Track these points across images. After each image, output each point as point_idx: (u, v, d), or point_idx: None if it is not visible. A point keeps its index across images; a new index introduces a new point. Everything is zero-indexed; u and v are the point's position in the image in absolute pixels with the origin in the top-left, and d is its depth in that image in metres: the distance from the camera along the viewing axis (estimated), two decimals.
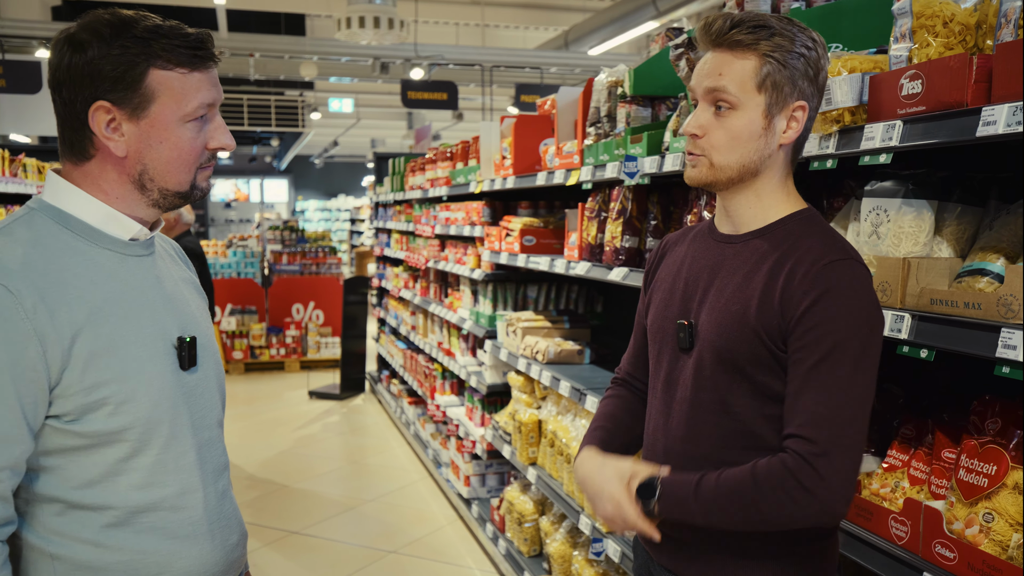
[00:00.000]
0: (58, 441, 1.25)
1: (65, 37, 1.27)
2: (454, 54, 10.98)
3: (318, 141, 22.76)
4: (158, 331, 1.33)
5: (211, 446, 1.42)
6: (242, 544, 1.48)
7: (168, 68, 1.28)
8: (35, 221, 1.29)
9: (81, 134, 1.30)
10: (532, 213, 4.29)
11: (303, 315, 9.50)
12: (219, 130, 1.37)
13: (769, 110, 1.48)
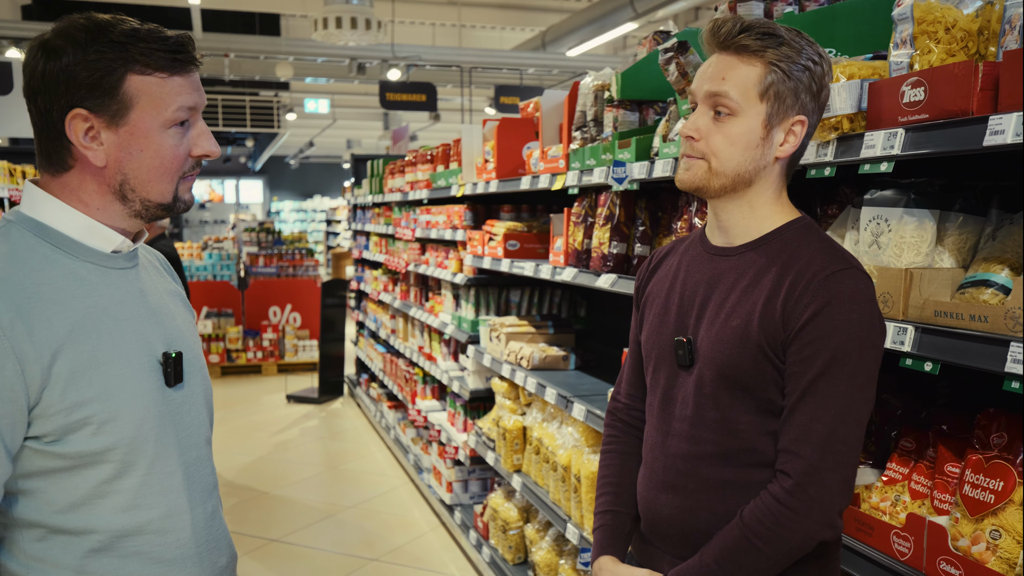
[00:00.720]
0: (38, 463, 1.19)
1: (39, 43, 1.21)
2: (431, 55, 10.92)
3: (293, 142, 22.58)
4: (142, 346, 1.28)
5: (199, 465, 1.36)
6: (231, 567, 1.43)
7: (147, 73, 1.23)
8: (12, 234, 1.23)
9: (58, 144, 1.24)
10: (515, 217, 4.25)
11: (280, 318, 9.40)
12: (202, 136, 1.31)
13: (769, 120, 1.45)
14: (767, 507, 1.42)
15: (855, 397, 1.39)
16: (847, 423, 1.38)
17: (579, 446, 3.01)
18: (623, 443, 1.79)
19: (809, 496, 1.38)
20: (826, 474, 1.38)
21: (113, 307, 1.26)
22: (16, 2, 11.45)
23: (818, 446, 1.39)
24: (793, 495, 1.39)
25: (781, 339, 1.43)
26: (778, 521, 1.40)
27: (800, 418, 1.41)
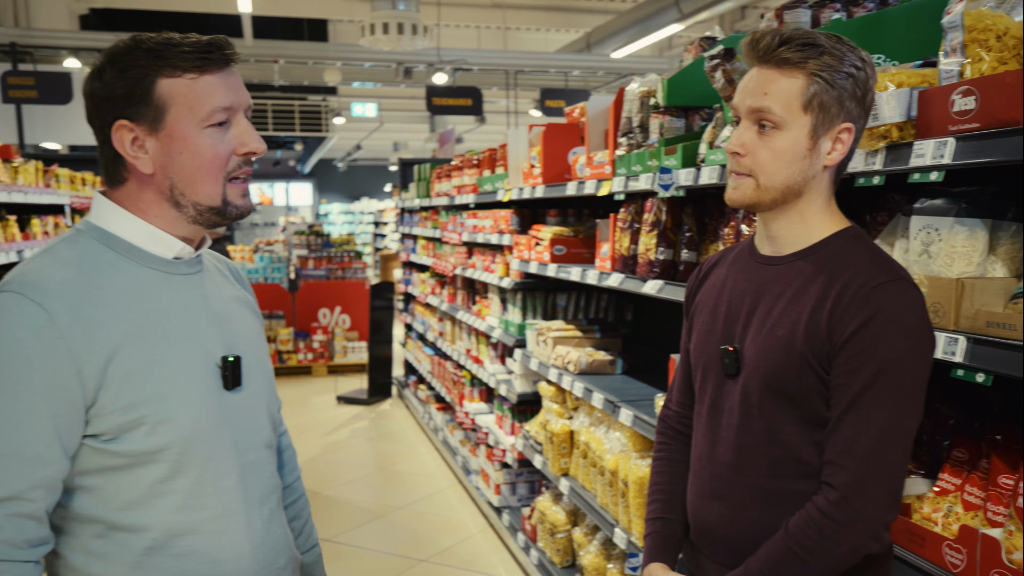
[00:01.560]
0: (96, 461, 1.24)
1: (91, 69, 1.28)
2: (477, 58, 10.97)
3: (341, 145, 22.85)
4: (200, 350, 1.32)
5: (256, 468, 1.39)
6: (290, 569, 1.45)
7: (176, 75, 1.26)
8: (80, 241, 1.29)
9: (113, 158, 1.30)
10: (561, 222, 4.27)
11: (329, 320, 9.54)
12: (245, 134, 1.31)
13: (815, 131, 1.45)
14: (812, 519, 1.42)
15: (902, 410, 1.38)
16: (893, 435, 1.38)
17: (626, 451, 3.02)
18: (674, 450, 1.80)
19: (854, 508, 1.38)
20: (872, 487, 1.38)
21: (173, 311, 1.30)
22: (74, 12, 11.75)
23: (864, 459, 1.39)
24: (838, 507, 1.39)
25: (826, 350, 1.43)
26: (823, 533, 1.40)
27: (846, 430, 1.41)
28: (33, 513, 1.19)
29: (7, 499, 1.17)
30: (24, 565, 1.18)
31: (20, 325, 1.17)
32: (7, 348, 1.17)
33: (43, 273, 1.22)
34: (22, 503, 1.18)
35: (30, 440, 1.18)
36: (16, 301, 1.18)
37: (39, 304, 1.18)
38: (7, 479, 1.17)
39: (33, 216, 4.81)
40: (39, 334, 1.17)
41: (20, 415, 1.17)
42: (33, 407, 1.17)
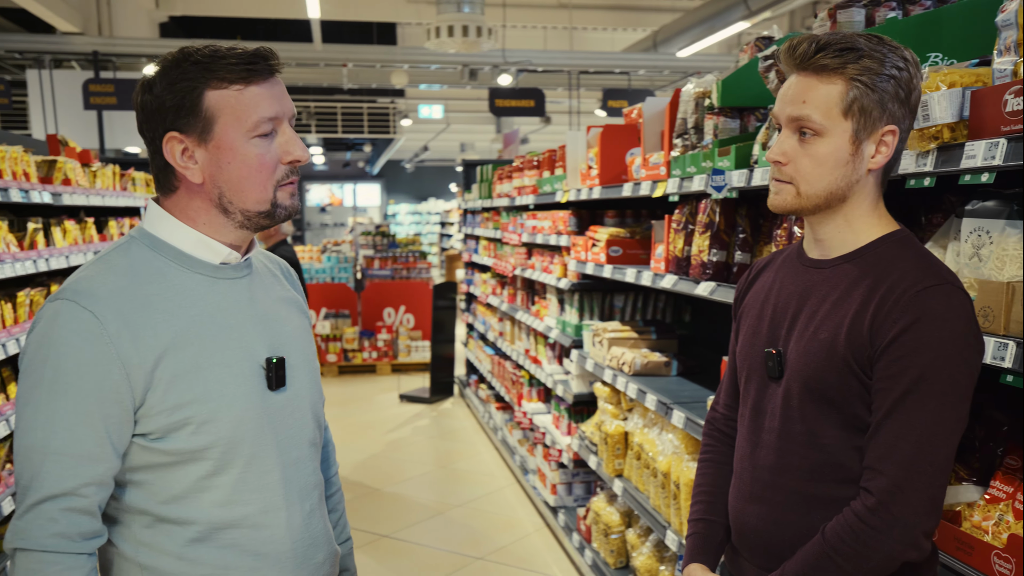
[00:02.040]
0: (145, 458, 1.30)
1: (142, 82, 1.33)
2: (541, 59, 10.99)
3: (409, 146, 23.14)
4: (245, 352, 1.36)
5: (299, 465, 1.44)
6: (329, 562, 1.50)
7: (223, 87, 1.29)
8: (132, 248, 1.35)
9: (164, 169, 1.35)
10: (619, 223, 4.26)
11: (394, 319, 9.68)
12: (291, 143, 1.36)
13: (856, 135, 1.43)
14: (848, 524, 1.41)
15: (944, 416, 1.36)
16: (934, 442, 1.36)
17: (679, 453, 3.01)
18: (719, 452, 1.80)
19: (891, 515, 1.37)
20: (910, 493, 1.36)
21: (219, 315, 1.35)
22: (154, 21, 12.15)
23: (903, 465, 1.37)
24: (875, 513, 1.38)
25: (867, 354, 1.42)
26: (858, 538, 1.39)
27: (886, 436, 1.39)
28: (86, 508, 1.26)
29: (62, 495, 1.23)
30: (78, 557, 1.25)
31: (73, 331, 1.23)
32: (61, 354, 1.23)
33: (95, 281, 1.28)
34: (76, 499, 1.24)
35: (83, 440, 1.24)
36: (70, 309, 1.24)
37: (91, 311, 1.24)
38: (62, 477, 1.23)
39: (110, 218, 5.01)
40: (90, 340, 1.23)
41: (74, 417, 1.24)
42: (85, 409, 1.24)
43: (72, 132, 10.03)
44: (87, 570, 1.25)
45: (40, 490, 1.23)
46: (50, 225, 3.96)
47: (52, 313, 1.25)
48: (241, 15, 11.74)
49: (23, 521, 1.23)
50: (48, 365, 1.23)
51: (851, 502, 1.43)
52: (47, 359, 1.24)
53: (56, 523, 1.23)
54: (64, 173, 4.01)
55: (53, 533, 1.22)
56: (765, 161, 2.36)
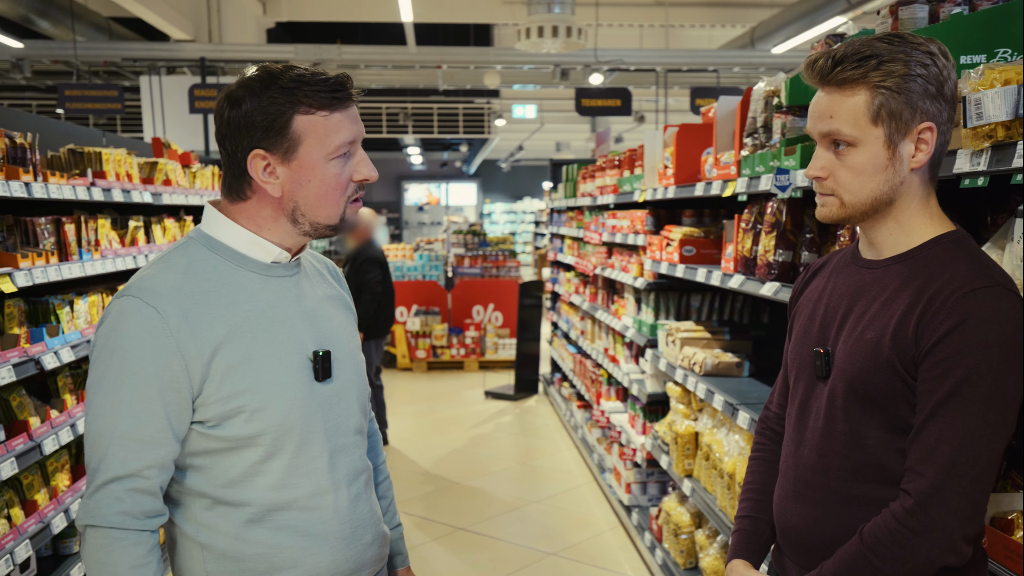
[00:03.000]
0: (203, 444, 1.41)
1: (225, 95, 1.42)
2: (633, 57, 10.93)
3: (505, 146, 23.35)
4: (294, 345, 1.45)
5: (346, 452, 1.52)
6: (377, 544, 1.58)
7: (310, 112, 1.40)
8: (191, 248, 1.46)
9: (241, 179, 1.44)
10: (696, 223, 4.24)
11: (482, 316, 9.82)
12: (362, 163, 1.47)
13: (890, 139, 1.43)
14: (886, 525, 1.40)
15: (989, 420, 1.34)
16: (977, 446, 1.34)
17: (744, 454, 2.99)
18: (769, 451, 1.81)
19: (930, 518, 1.35)
20: (950, 497, 1.35)
21: (270, 311, 1.45)
22: (262, 27, 12.64)
23: (943, 467, 1.35)
24: (913, 515, 1.37)
25: (912, 355, 1.40)
26: (895, 540, 1.38)
27: (927, 438, 1.38)
28: (149, 489, 1.37)
29: (127, 476, 1.35)
30: (142, 533, 1.36)
31: (137, 326, 1.35)
32: (127, 347, 1.35)
33: (157, 279, 1.39)
34: (139, 480, 1.35)
35: (146, 426, 1.35)
36: (135, 305, 1.36)
37: (153, 307, 1.35)
38: (126, 459, 1.35)
39: None
40: (153, 334, 1.34)
41: (138, 404, 1.34)
42: (148, 397, 1.35)
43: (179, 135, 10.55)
44: (149, 546, 1.36)
45: (107, 471, 1.34)
46: (151, 223, 4.21)
47: (119, 309, 1.37)
48: (342, 19, 12.10)
49: (92, 500, 1.35)
50: (115, 357, 1.35)
51: (890, 503, 1.42)
52: (114, 351, 1.35)
53: (121, 502, 1.34)
54: (165, 174, 4.25)
55: (119, 511, 1.34)
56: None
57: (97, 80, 12.27)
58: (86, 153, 3.53)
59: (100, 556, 1.33)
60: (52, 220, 3.11)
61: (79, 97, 9.04)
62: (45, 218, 3.07)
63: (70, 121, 9.24)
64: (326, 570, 1.47)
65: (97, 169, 3.52)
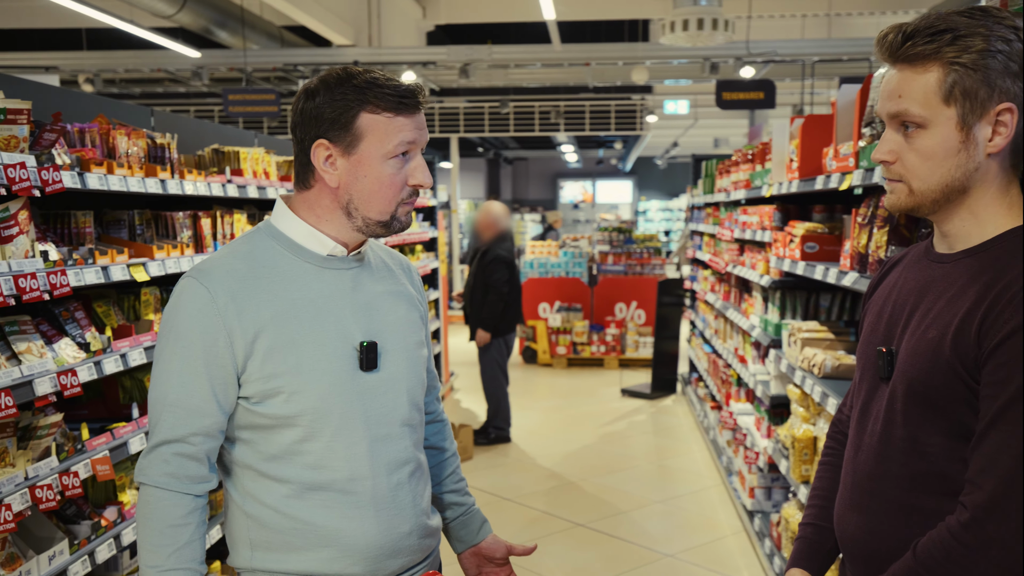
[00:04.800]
0: (248, 419, 1.50)
1: (303, 89, 1.52)
2: (788, 49, 10.51)
3: (660, 142, 23.03)
4: (340, 334, 1.52)
5: (389, 441, 1.56)
6: (416, 535, 1.60)
7: (376, 112, 1.47)
8: (255, 237, 1.57)
9: (307, 167, 1.54)
10: (826, 218, 4.05)
11: (625, 314, 9.75)
12: (419, 169, 1.54)
13: (964, 121, 1.32)
14: (941, 540, 1.31)
15: None
16: None
17: None
18: (838, 456, 1.72)
19: (986, 534, 1.25)
20: (1010, 511, 1.24)
21: (319, 300, 1.52)
22: (422, 30, 13.07)
23: (1003, 479, 1.25)
24: (968, 530, 1.27)
25: (974, 356, 1.30)
26: (949, 557, 1.28)
27: (987, 447, 1.28)
28: (194, 455, 1.47)
29: (174, 441, 1.46)
30: (184, 496, 1.47)
31: (191, 303, 1.46)
32: (181, 321, 1.47)
33: (215, 262, 1.51)
34: (185, 445, 1.47)
35: (192, 395, 1.46)
36: (191, 284, 1.48)
37: (205, 287, 1.46)
38: (175, 425, 1.46)
39: None
40: (203, 311, 1.45)
41: (186, 375, 1.45)
42: (195, 369, 1.45)
43: None
44: (189, 508, 1.47)
45: (158, 435, 1.47)
46: None
47: (180, 288, 1.50)
48: (495, 20, 12.34)
49: (145, 460, 1.48)
50: (172, 330, 1.48)
51: (947, 517, 1.33)
52: (171, 326, 1.48)
53: (168, 464, 1.46)
54: None
55: (165, 472, 1.46)
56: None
57: (267, 85, 13.08)
58: (226, 152, 3.79)
59: (144, 511, 1.46)
60: (190, 215, 3.37)
61: (240, 101, 9.70)
62: (183, 213, 3.34)
63: (228, 124, 9.94)
64: (359, 553, 1.52)
65: (235, 167, 3.78)
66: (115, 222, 3.07)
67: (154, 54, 11.31)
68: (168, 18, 8.54)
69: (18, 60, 11.40)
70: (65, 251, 2.53)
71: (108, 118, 3.05)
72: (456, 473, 1.86)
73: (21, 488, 2.20)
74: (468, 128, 16.97)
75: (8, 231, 2.23)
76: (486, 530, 1.83)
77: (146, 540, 1.45)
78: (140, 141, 3.03)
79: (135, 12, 9.74)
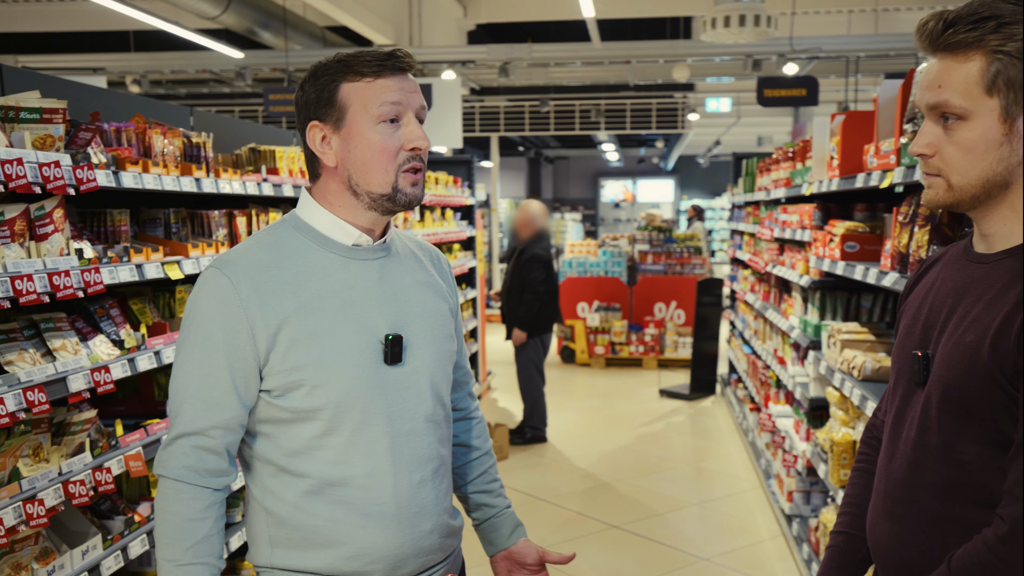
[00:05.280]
0: (269, 412, 1.48)
1: (299, 85, 1.53)
2: (833, 45, 10.31)
3: (702, 141, 22.80)
4: (364, 326, 1.49)
5: (411, 438, 1.52)
6: (438, 533, 1.56)
7: (355, 80, 1.46)
8: (280, 228, 1.55)
9: (312, 159, 1.53)
10: (868, 217, 3.96)
11: (664, 314, 9.66)
12: (413, 132, 1.48)
13: (1007, 112, 1.26)
14: (976, 554, 1.25)
15: None
16: None
17: None
18: (872, 462, 1.67)
19: (1019, 545, 1.20)
20: None
21: (345, 291, 1.49)
22: (463, 29, 13.09)
23: None
24: (1005, 543, 1.22)
25: (1012, 362, 1.25)
26: (986, 570, 1.23)
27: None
28: (213, 448, 1.46)
29: (193, 433, 1.45)
30: (203, 490, 1.45)
31: (213, 294, 1.45)
32: (202, 312, 1.46)
33: (239, 253, 1.49)
34: (204, 438, 1.45)
35: (212, 388, 1.44)
36: (214, 275, 1.46)
37: (228, 278, 1.44)
38: (194, 417, 1.44)
39: None
40: (225, 302, 1.44)
41: (207, 367, 1.43)
42: (215, 361, 1.43)
43: None
44: (208, 503, 1.46)
45: (177, 427, 1.45)
46: None
47: (203, 278, 1.48)
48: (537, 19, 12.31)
49: (165, 452, 1.47)
50: (194, 321, 1.46)
51: (983, 529, 1.28)
52: (194, 316, 1.47)
53: (187, 457, 1.45)
54: None
55: (183, 465, 1.44)
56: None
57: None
58: (262, 151, 3.82)
59: (163, 504, 1.45)
60: (225, 213, 3.40)
61: (281, 101, 9.79)
62: (219, 211, 3.37)
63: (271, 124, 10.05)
64: (379, 551, 1.49)
65: (271, 166, 3.81)
66: (151, 221, 3.11)
67: (198, 55, 11.48)
68: (213, 19, 8.65)
69: (67, 62, 11.65)
70: (100, 249, 2.56)
71: (145, 118, 3.09)
72: (488, 473, 1.81)
73: (55, 483, 2.22)
74: (508, 127, 16.95)
75: (43, 229, 2.26)
76: (519, 534, 1.77)
77: (164, 533, 1.44)
78: (176, 140, 3.06)
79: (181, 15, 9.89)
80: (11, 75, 2.75)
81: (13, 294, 2.06)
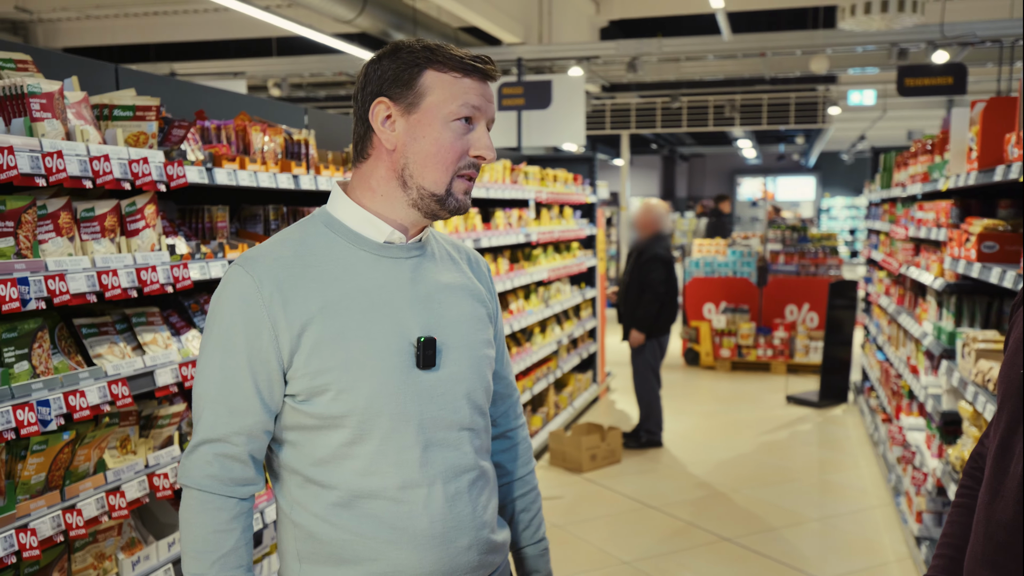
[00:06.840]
0: (295, 419, 1.40)
1: (372, 57, 1.44)
2: (989, 31, 9.53)
3: (846, 136, 21.70)
4: (395, 329, 1.39)
5: (445, 447, 1.43)
6: (476, 550, 1.46)
7: (443, 71, 1.39)
8: (308, 224, 1.46)
9: (364, 135, 1.44)
10: (1012, 214, 3.60)
11: (795, 317, 9.21)
12: (481, 139, 1.42)
13: None
14: None
15: None
16: None
17: None
18: (974, 498, 1.46)
19: None
20: None
21: (375, 291, 1.40)
22: (595, 26, 12.96)
23: None
24: None
25: None
26: None
27: None
28: (237, 456, 1.38)
29: (216, 440, 1.37)
30: (228, 499, 1.38)
31: (236, 292, 1.37)
32: (225, 311, 1.37)
33: (264, 250, 1.42)
34: (227, 445, 1.37)
35: (233, 392, 1.36)
36: (238, 272, 1.39)
37: (251, 276, 1.37)
38: (215, 424, 1.37)
39: (497, 208, 5.53)
40: (248, 301, 1.36)
41: (228, 370, 1.36)
42: (237, 364, 1.36)
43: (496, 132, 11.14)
44: (234, 513, 1.39)
45: (199, 433, 1.39)
46: None
47: (227, 276, 1.41)
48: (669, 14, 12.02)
49: (188, 460, 1.40)
50: (216, 322, 1.40)
51: None
52: (216, 316, 1.40)
53: (211, 465, 1.37)
54: None
55: (207, 474, 1.38)
56: None
57: None
58: None
59: (187, 516, 1.38)
60: None
61: None
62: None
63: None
64: (411, 568, 1.39)
65: None
66: (251, 217, 3.17)
67: (334, 58, 11.85)
68: (348, 23, 8.88)
69: (214, 68, 12.28)
70: (194, 245, 2.61)
71: (251, 116, 3.15)
72: (518, 503, 1.67)
73: (140, 476, 2.27)
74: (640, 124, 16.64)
75: (134, 224, 2.32)
76: None
77: (188, 546, 1.38)
78: (277, 137, 3.11)
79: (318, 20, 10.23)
80: (125, 75, 2.87)
81: (99, 289, 2.12)
